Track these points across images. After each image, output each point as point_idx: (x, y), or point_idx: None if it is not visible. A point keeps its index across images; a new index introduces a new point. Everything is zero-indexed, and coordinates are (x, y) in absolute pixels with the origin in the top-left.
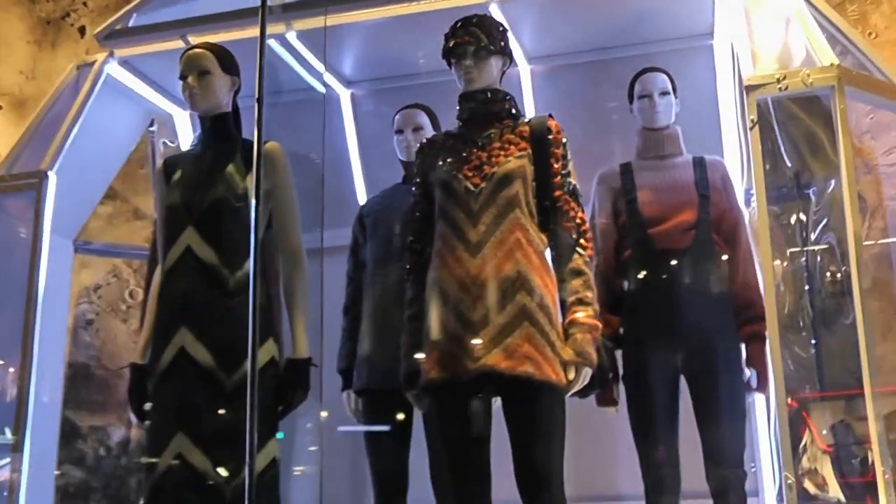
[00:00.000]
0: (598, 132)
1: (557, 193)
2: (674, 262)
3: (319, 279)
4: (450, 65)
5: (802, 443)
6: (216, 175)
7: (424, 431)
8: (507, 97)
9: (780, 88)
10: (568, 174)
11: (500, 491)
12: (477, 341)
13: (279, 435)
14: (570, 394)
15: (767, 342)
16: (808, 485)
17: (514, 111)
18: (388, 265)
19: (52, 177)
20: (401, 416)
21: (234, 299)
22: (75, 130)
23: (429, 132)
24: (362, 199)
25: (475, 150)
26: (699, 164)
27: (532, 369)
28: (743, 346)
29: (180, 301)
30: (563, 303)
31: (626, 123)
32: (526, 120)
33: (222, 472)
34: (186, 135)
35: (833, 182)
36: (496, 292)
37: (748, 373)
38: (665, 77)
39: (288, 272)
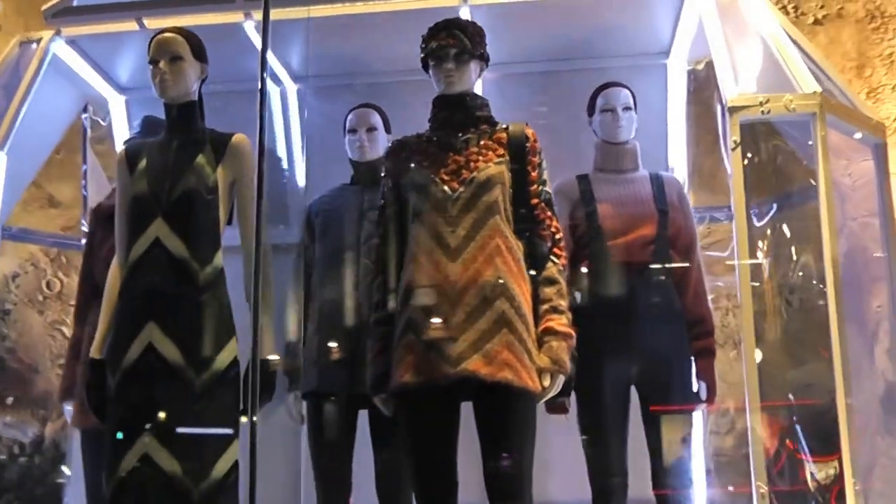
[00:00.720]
0: (547, 143)
1: (535, 202)
2: (632, 276)
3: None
4: (426, 67)
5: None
6: (185, 165)
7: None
8: (485, 103)
9: (762, 112)
10: (544, 182)
11: (466, 494)
12: (456, 346)
13: None
14: (542, 401)
15: (742, 354)
16: None
17: (490, 117)
18: (338, 267)
19: (3, 157)
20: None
21: (205, 294)
22: (24, 110)
23: (382, 133)
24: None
25: (451, 154)
26: (656, 180)
27: (511, 376)
28: (693, 360)
29: (147, 295)
30: (535, 310)
31: (574, 135)
32: (503, 126)
33: (190, 473)
34: (120, 122)
35: (793, 201)
36: (476, 298)
37: (697, 386)
38: (628, 92)
39: (250, 269)
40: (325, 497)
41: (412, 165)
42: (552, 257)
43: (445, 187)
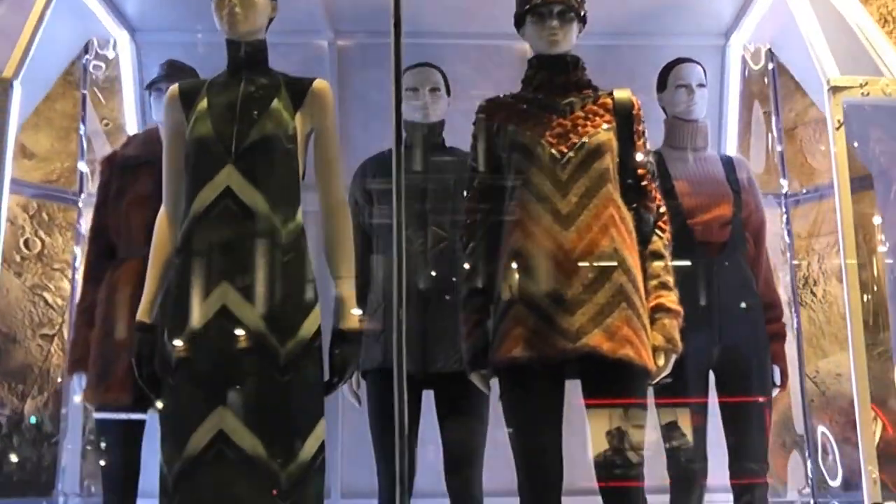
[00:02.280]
0: None
1: (642, 172)
2: (711, 255)
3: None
4: (519, 24)
5: None
6: (259, 109)
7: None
8: (585, 66)
9: (862, 94)
10: (648, 153)
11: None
12: (574, 320)
13: None
14: (654, 381)
15: (850, 345)
16: None
17: (591, 81)
18: (408, 232)
19: (18, 88)
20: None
21: (288, 254)
22: (38, 39)
23: (444, 95)
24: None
25: (556, 117)
26: (727, 160)
27: (632, 353)
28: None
29: (219, 251)
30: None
31: None
32: (607, 92)
33: (275, 455)
34: (127, 64)
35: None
36: (593, 269)
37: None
38: (701, 70)
39: (331, 227)
40: (391, 480)
41: (512, 127)
42: (657, 231)
43: (553, 150)
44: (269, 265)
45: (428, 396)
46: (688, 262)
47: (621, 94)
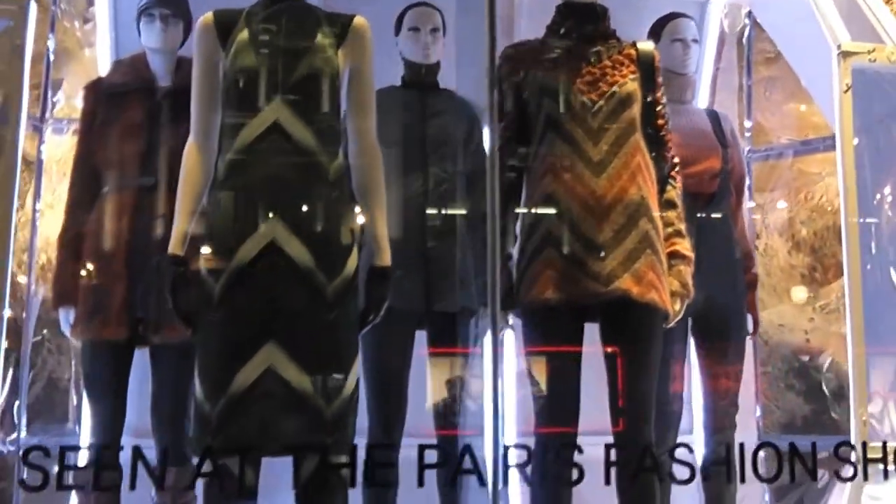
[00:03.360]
0: None
1: (661, 122)
2: (699, 207)
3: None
4: None
5: None
6: (304, 43)
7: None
8: (609, 15)
9: (869, 59)
10: (664, 105)
11: None
12: (605, 265)
13: None
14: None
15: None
16: None
17: (615, 31)
18: (404, 175)
19: (34, 6)
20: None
21: (335, 192)
22: None
23: (441, 36)
24: None
25: (584, 65)
26: (713, 115)
27: (657, 298)
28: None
29: (268, 186)
30: None
31: None
32: (630, 43)
33: (321, 391)
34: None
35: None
36: (622, 215)
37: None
38: (694, 25)
39: (364, 168)
40: (383, 420)
41: (541, 73)
42: (671, 180)
43: (584, 98)
44: (317, 202)
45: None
46: None
47: (644, 46)
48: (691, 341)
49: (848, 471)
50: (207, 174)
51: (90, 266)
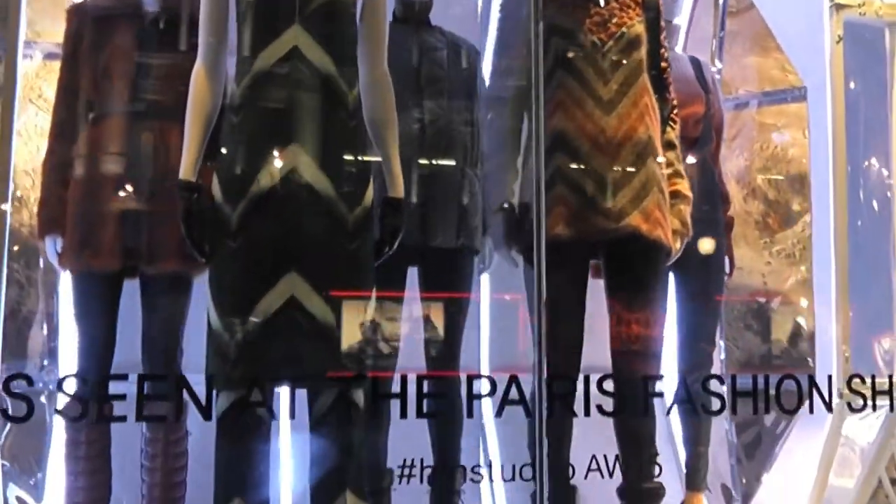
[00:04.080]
0: None
1: (664, 66)
2: (685, 150)
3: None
4: None
5: None
6: None
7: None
8: None
9: (859, 13)
10: (666, 48)
11: None
12: (615, 202)
13: None
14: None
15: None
16: None
17: None
18: (400, 111)
19: None
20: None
21: (354, 120)
22: None
23: None
24: None
25: (592, 6)
26: (695, 61)
27: (663, 235)
28: None
29: (288, 112)
30: None
31: None
32: None
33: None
34: None
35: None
36: (631, 154)
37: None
38: None
39: (377, 97)
40: None
41: (550, 11)
42: (671, 122)
43: (594, 38)
44: (338, 130)
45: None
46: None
47: None
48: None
49: (858, 401)
50: (217, 98)
51: (79, 194)
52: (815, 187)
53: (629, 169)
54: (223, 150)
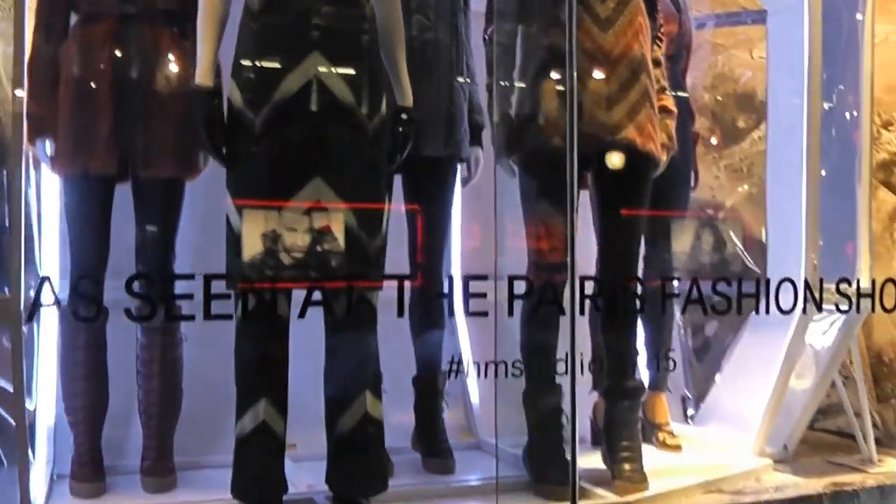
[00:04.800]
0: None
1: None
2: None
3: None
4: None
5: None
6: None
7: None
8: None
9: None
10: None
11: None
12: (612, 115)
13: None
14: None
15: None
16: None
17: None
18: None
19: None
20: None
21: (371, 33)
22: None
23: None
24: None
25: None
26: None
27: (654, 148)
28: None
29: (309, 20)
30: None
31: None
32: None
33: (366, 229)
34: None
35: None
36: (627, 70)
37: None
38: None
39: (388, 9)
40: None
41: None
42: (657, 40)
43: None
44: (356, 40)
45: None
46: None
47: None
48: None
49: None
50: (228, 4)
51: (72, 96)
52: (773, 108)
53: (625, 84)
54: (243, 58)
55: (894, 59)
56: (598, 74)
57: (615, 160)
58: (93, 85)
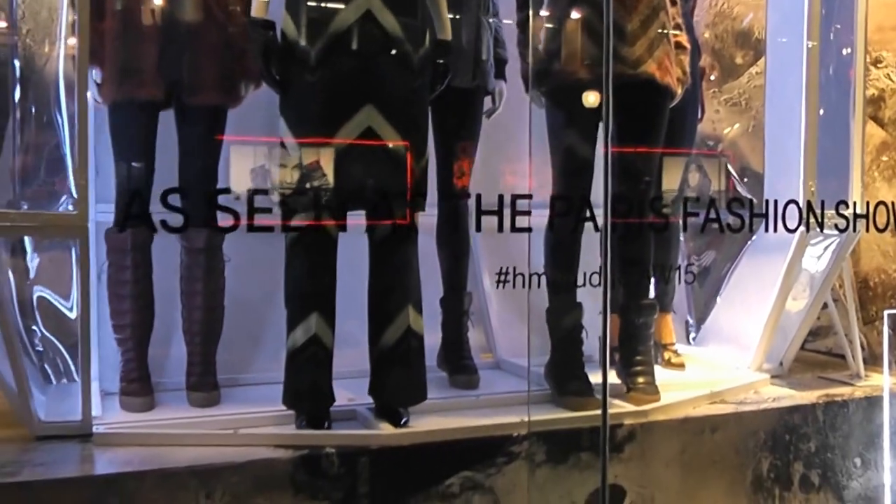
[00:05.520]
0: None
1: None
2: None
3: None
4: None
5: None
6: None
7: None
8: None
9: None
10: None
11: None
12: (633, 50)
13: None
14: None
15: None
16: None
17: None
18: None
19: None
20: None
21: None
22: None
23: None
24: None
25: None
26: None
27: (671, 81)
28: None
29: None
30: None
31: None
32: None
33: (415, 153)
34: None
35: None
36: (647, 7)
37: None
38: None
39: None
40: None
41: None
42: None
43: None
44: None
45: None
46: None
47: None
48: None
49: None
50: None
51: (119, 26)
52: (771, 45)
53: (645, 21)
54: None
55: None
56: (620, 11)
57: (591, 99)
58: (140, 16)
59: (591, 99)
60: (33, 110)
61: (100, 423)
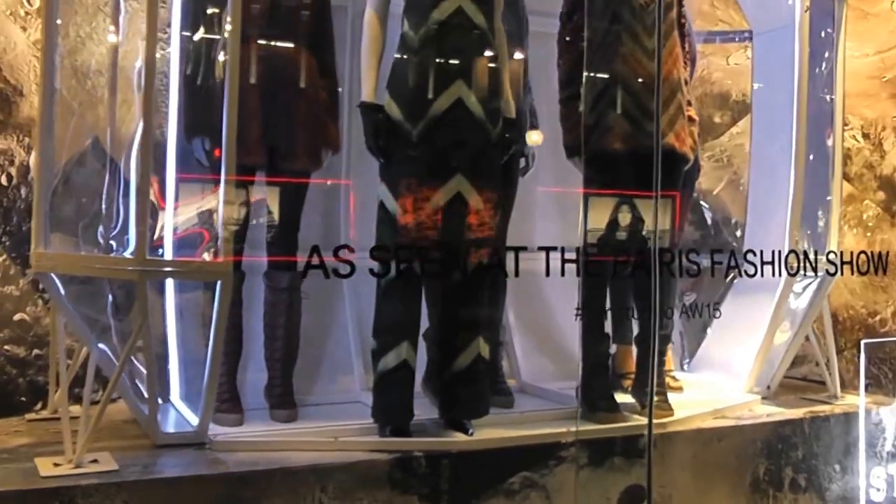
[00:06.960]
0: None
1: (683, 22)
2: None
3: None
4: None
5: None
6: None
7: None
8: None
9: None
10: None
11: None
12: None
13: None
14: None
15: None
16: None
17: None
18: None
19: None
20: None
21: (496, 61)
22: None
23: None
24: None
25: None
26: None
27: (687, 150)
28: None
29: (454, 57)
30: None
31: None
32: None
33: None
34: None
35: None
36: (668, 90)
37: None
38: None
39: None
40: None
41: None
42: (685, 64)
43: (641, 1)
44: (485, 68)
45: None
46: None
47: None
48: None
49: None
50: (385, 37)
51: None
52: (757, 109)
53: (666, 101)
54: (401, 81)
55: (851, 71)
56: (646, 94)
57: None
58: (246, 92)
59: (534, 137)
60: None
61: (212, 434)
